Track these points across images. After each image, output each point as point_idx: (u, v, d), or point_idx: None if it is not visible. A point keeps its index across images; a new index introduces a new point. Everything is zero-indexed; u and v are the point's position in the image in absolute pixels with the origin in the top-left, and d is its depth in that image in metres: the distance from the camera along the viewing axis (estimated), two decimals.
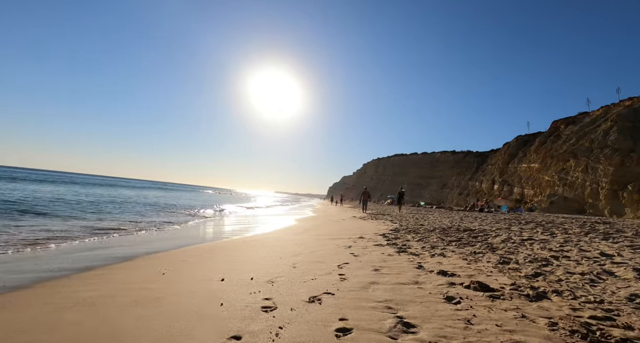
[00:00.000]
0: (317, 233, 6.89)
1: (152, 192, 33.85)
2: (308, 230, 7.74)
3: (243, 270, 3.11)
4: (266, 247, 4.84)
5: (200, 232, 7.13)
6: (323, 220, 11.56)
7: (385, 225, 8.42)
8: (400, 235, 6.05)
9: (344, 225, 9.18)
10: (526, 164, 52.95)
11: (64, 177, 60.79)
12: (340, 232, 6.90)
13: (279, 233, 6.92)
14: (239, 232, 7.35)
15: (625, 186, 35.88)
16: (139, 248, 4.56)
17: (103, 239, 5.31)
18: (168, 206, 14.97)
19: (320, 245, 4.98)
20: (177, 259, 3.79)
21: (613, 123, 40.00)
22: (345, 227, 8.21)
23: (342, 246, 4.76)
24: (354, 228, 7.93)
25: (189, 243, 5.17)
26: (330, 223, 10.11)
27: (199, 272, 3.09)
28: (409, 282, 2.65)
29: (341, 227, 8.50)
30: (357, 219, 11.54)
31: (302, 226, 9.00)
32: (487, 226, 7.81)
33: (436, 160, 79.16)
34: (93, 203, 12.52)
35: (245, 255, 4.05)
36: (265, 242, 5.37)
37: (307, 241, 5.51)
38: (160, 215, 10.38)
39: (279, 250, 4.45)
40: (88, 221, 7.53)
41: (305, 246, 4.86)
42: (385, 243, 4.88)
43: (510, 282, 2.59)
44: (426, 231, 6.60)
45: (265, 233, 7.18)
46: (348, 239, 5.57)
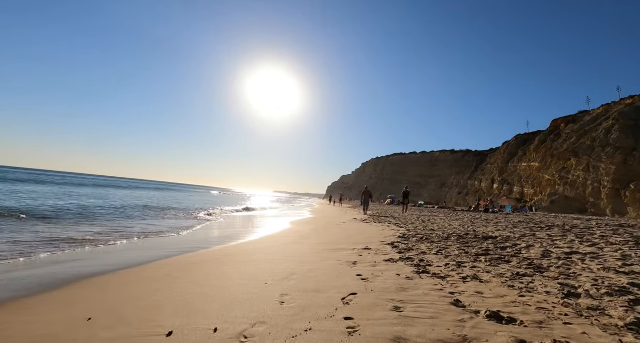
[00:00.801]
0: (315, 241, 5.94)
1: (144, 193, 32.84)
2: (306, 236, 6.79)
3: (208, 311, 2.16)
4: (251, 262, 3.89)
5: (175, 241, 6.17)
6: (322, 223, 10.63)
7: (392, 230, 7.48)
8: (412, 244, 5.12)
9: (346, 229, 8.24)
10: (526, 163, 52.25)
11: (55, 177, 59.49)
12: (341, 240, 5.97)
13: (271, 241, 5.97)
14: (223, 239, 6.39)
15: (628, 185, 35.14)
16: (79, 268, 3.58)
17: (46, 257, 4.33)
18: (154, 208, 13.99)
19: (319, 259, 4.04)
20: (117, 290, 2.82)
21: (615, 121, 39.27)
22: (347, 233, 7.28)
23: (345, 262, 3.81)
24: (357, 234, 7.00)
25: (151, 259, 4.18)
26: (330, 227, 9.17)
27: (140, 316, 2.11)
28: (452, 337, 1.72)
29: (342, 232, 7.56)
30: (358, 222, 10.61)
31: (298, 231, 8.05)
32: (508, 232, 6.88)
33: (435, 159, 78.39)
34: (78, 207, 11.52)
35: (219, 279, 3.08)
36: (251, 255, 4.42)
37: (303, 253, 4.56)
38: (136, 220, 9.41)
39: (266, 269, 3.50)
40: (53, 227, 6.56)
41: (301, 261, 3.92)
42: (398, 258, 3.94)
43: (612, 341, 1.66)
44: (441, 239, 5.67)
45: (254, 240, 6.23)
46: (352, 251, 4.63)
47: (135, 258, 4.22)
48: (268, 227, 9.14)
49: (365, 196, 15.89)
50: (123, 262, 3.92)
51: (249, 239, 6.40)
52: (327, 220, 11.97)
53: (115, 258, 4.22)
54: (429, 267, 3.41)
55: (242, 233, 7.51)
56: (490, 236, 5.83)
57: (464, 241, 5.32)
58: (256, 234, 7.38)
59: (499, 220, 11.50)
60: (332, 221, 11.42)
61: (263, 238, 6.65)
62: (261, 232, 7.76)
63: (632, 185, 34.63)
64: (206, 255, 4.53)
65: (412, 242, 5.40)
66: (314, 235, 7.06)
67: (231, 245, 5.54)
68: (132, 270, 3.54)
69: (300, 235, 6.93)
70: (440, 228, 7.69)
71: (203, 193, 47.01)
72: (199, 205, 19.06)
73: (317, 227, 9.07)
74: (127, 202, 15.61)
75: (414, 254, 4.19)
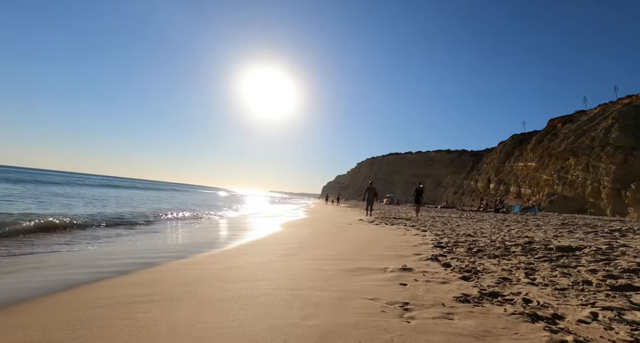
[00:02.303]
0: (319, 253, 4.14)
1: (129, 192, 30.69)
2: (304, 245, 4.99)
3: None
4: (196, 302, 2.07)
5: (126, 250, 4.33)
6: (323, 226, 8.83)
7: (415, 235, 5.73)
8: (464, 257, 3.39)
9: (355, 234, 6.47)
10: (523, 163, 51.26)
11: (44, 175, 56.39)
12: (356, 251, 4.19)
13: (253, 254, 4.16)
14: (184, 251, 4.55)
15: (628, 185, 34.08)
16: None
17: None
18: (136, 207, 12.07)
19: (335, 296, 2.21)
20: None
21: (614, 120, 38.32)
22: (360, 239, 5.50)
23: (386, 302, 2.04)
24: (373, 240, 5.24)
25: (69, 283, 2.36)
26: (333, 231, 7.38)
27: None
28: None
29: (352, 238, 5.79)
30: (365, 224, 8.84)
31: (294, 236, 6.25)
32: (574, 241, 5.19)
33: (431, 159, 77.21)
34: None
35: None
36: (204, 284, 2.58)
37: (305, 278, 2.75)
38: (109, 221, 7.51)
39: (215, 328, 1.70)
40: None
41: (302, 302, 2.11)
42: (477, 293, 2.19)
43: None
44: (498, 250, 3.95)
45: (227, 250, 4.40)
46: (382, 273, 2.86)
47: (59, 279, 2.38)
48: (254, 231, 7.31)
49: (369, 194, 13.11)
50: (49, 284, 2.09)
51: (220, 249, 4.57)
52: (327, 222, 10.18)
53: (55, 272, 2.39)
54: (561, 322, 1.66)
55: (219, 240, 5.69)
56: (567, 247, 4.11)
57: (539, 255, 3.60)
58: (236, 240, 5.56)
59: (531, 223, 9.82)
60: (334, 223, 9.63)
61: (244, 247, 4.82)
62: (243, 238, 5.94)
63: (633, 185, 33.58)
64: (145, 278, 2.71)
65: (460, 254, 3.67)
66: (316, 242, 5.27)
67: (187, 260, 3.70)
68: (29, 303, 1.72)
69: (297, 243, 5.13)
70: (476, 234, 5.98)
71: (195, 193, 44.58)
72: (185, 205, 17.15)
73: (316, 231, 7.28)
74: (118, 200, 13.62)
75: (490, 281, 2.45)
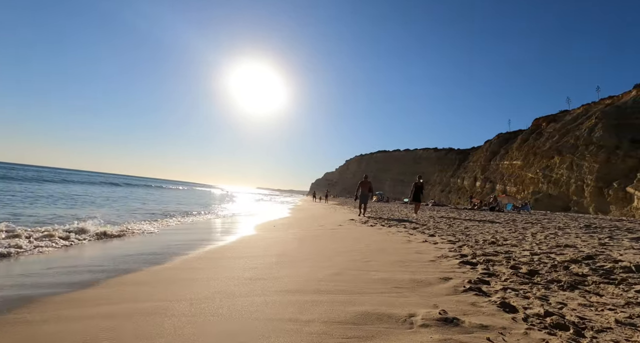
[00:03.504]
0: (294, 279, 2.75)
1: (88, 189, 28.48)
2: (275, 259, 3.62)
3: None
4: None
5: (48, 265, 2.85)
6: (307, 227, 7.48)
7: (424, 243, 4.45)
8: (529, 290, 2.12)
9: (347, 240, 5.14)
10: (508, 161, 51.44)
11: (50, 174, 52.05)
12: (353, 274, 2.84)
13: (185, 281, 2.76)
14: (74, 272, 3.10)
15: (611, 183, 34.33)
16: None
17: None
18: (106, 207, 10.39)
19: None
20: None
21: (598, 120, 38.58)
22: (356, 249, 4.17)
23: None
24: (373, 252, 3.91)
25: None
26: (319, 235, 6.02)
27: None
28: None
29: (344, 247, 4.45)
30: (359, 225, 7.52)
31: (267, 243, 4.87)
32: (615, 250, 4.05)
33: (418, 157, 77.07)
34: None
35: None
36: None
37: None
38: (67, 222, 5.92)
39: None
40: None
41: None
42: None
43: None
44: (566, 274, 2.69)
45: (156, 271, 2.99)
46: (408, 328, 1.55)
47: None
48: (220, 235, 5.88)
49: (363, 189, 11.13)
50: None
51: (155, 266, 3.15)
52: (315, 223, 8.83)
53: None
54: None
55: (168, 249, 4.25)
56: (632, 265, 2.91)
57: (630, 281, 2.38)
58: (185, 251, 4.13)
59: (550, 224, 8.74)
60: (323, 224, 8.29)
61: (190, 261, 3.41)
62: (198, 247, 4.51)
63: (615, 183, 33.85)
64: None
65: (508, 279, 2.40)
66: (297, 254, 3.91)
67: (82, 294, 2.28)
68: None
69: (271, 256, 3.75)
70: (498, 240, 4.75)
71: (172, 191, 41.87)
72: (160, 204, 15.44)
73: (301, 235, 5.91)
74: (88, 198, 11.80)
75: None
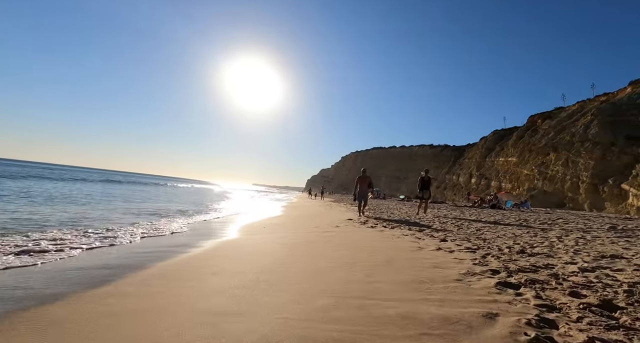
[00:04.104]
0: (271, 310, 2.03)
1: (75, 187, 27.31)
2: (253, 280, 2.86)
3: None
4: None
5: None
6: (300, 228, 6.72)
7: (438, 251, 3.72)
8: (611, 337, 1.40)
9: (345, 247, 4.39)
10: (503, 158, 51.25)
11: (43, 170, 50.43)
12: (354, 306, 2.10)
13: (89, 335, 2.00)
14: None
15: (606, 180, 34.18)
16: None
17: None
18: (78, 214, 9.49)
19: None
20: None
21: (593, 117, 38.38)
22: (357, 262, 3.40)
23: None
24: (379, 265, 3.17)
25: None
26: (312, 240, 5.23)
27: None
28: None
29: (340, 257, 3.70)
30: (357, 226, 6.76)
31: (245, 254, 4.11)
32: None
33: (414, 153, 76.68)
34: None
35: None
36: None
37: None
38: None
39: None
40: None
41: None
42: None
43: None
44: (619, 295, 1.99)
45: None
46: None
47: None
48: (193, 243, 5.09)
49: (362, 185, 9.75)
50: None
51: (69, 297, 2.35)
52: (309, 223, 8.07)
53: None
54: None
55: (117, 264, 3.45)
56: None
57: None
58: (129, 271, 3.34)
59: (568, 226, 8.06)
60: (318, 224, 7.53)
61: (121, 286, 2.63)
62: (155, 260, 3.73)
63: (610, 180, 33.70)
64: None
65: (579, 320, 1.68)
66: (281, 273, 3.12)
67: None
68: None
69: (247, 275, 2.98)
70: (526, 249, 4.05)
71: (165, 188, 40.66)
72: (145, 203, 14.55)
73: (290, 241, 5.14)
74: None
75: None
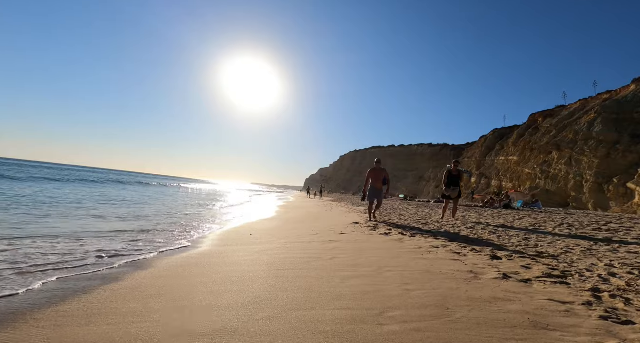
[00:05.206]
0: None
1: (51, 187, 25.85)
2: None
3: None
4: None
5: None
6: (295, 234, 5.42)
7: (504, 282, 2.45)
8: None
9: (364, 272, 3.12)
10: (504, 157, 50.22)
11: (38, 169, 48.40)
12: None
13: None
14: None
15: (611, 179, 33.10)
16: None
17: None
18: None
19: None
20: None
21: (597, 114, 37.30)
22: (395, 320, 2.14)
23: None
24: (435, 322, 1.92)
25: None
26: (312, 257, 3.91)
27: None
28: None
29: (364, 303, 2.44)
30: (368, 234, 5.45)
31: (218, 281, 2.83)
32: None
33: (413, 152, 75.59)
34: None
35: None
36: None
37: None
38: None
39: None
40: None
41: None
42: None
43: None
44: None
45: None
46: None
47: None
48: (151, 257, 3.81)
49: (374, 181, 7.57)
50: None
51: None
52: (306, 228, 6.76)
53: None
54: None
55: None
56: None
57: None
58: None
59: (623, 235, 6.75)
60: (317, 231, 6.22)
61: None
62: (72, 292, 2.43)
63: (615, 179, 32.65)
64: None
65: None
66: (265, 322, 1.86)
67: None
68: None
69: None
70: (613, 276, 2.78)
71: (152, 187, 38.83)
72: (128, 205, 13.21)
73: (280, 255, 3.86)
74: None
75: None
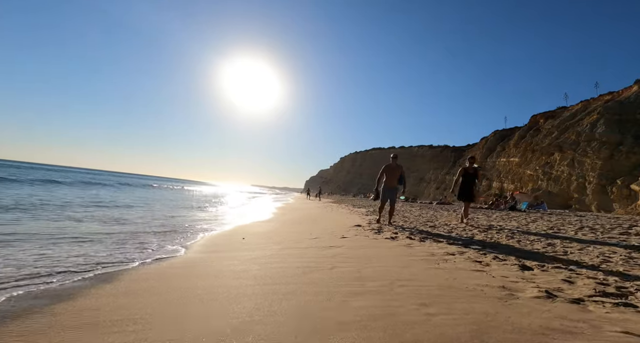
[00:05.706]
0: None
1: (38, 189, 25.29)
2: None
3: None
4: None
5: None
6: (291, 238, 4.89)
7: (561, 306, 1.96)
8: None
9: (375, 291, 2.60)
10: (505, 158, 49.69)
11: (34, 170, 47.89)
12: None
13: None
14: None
15: (614, 180, 32.55)
16: None
17: None
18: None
19: None
20: None
21: (600, 116, 36.78)
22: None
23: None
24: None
25: None
26: (311, 268, 3.38)
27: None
28: None
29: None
30: (373, 238, 4.86)
31: (195, 300, 2.33)
32: None
33: (413, 154, 75.10)
34: None
35: None
36: None
37: None
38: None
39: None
40: None
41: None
42: None
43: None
44: None
45: None
46: None
47: None
48: (129, 268, 3.30)
49: (388, 178, 6.65)
50: None
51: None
52: (303, 231, 6.24)
53: None
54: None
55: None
56: None
57: None
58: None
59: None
60: (317, 234, 5.70)
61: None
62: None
63: (619, 180, 32.11)
64: None
65: None
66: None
67: None
68: None
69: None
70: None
71: (146, 189, 38.80)
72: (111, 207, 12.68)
73: (274, 265, 3.34)
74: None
75: None
